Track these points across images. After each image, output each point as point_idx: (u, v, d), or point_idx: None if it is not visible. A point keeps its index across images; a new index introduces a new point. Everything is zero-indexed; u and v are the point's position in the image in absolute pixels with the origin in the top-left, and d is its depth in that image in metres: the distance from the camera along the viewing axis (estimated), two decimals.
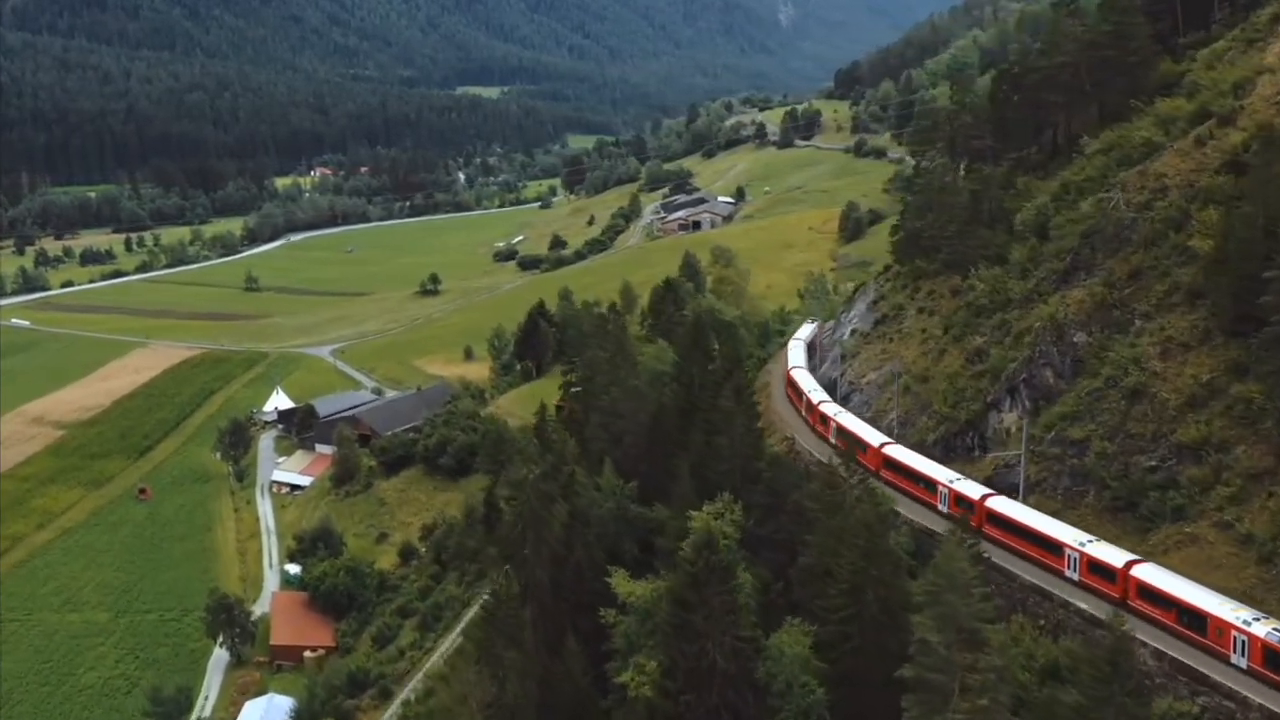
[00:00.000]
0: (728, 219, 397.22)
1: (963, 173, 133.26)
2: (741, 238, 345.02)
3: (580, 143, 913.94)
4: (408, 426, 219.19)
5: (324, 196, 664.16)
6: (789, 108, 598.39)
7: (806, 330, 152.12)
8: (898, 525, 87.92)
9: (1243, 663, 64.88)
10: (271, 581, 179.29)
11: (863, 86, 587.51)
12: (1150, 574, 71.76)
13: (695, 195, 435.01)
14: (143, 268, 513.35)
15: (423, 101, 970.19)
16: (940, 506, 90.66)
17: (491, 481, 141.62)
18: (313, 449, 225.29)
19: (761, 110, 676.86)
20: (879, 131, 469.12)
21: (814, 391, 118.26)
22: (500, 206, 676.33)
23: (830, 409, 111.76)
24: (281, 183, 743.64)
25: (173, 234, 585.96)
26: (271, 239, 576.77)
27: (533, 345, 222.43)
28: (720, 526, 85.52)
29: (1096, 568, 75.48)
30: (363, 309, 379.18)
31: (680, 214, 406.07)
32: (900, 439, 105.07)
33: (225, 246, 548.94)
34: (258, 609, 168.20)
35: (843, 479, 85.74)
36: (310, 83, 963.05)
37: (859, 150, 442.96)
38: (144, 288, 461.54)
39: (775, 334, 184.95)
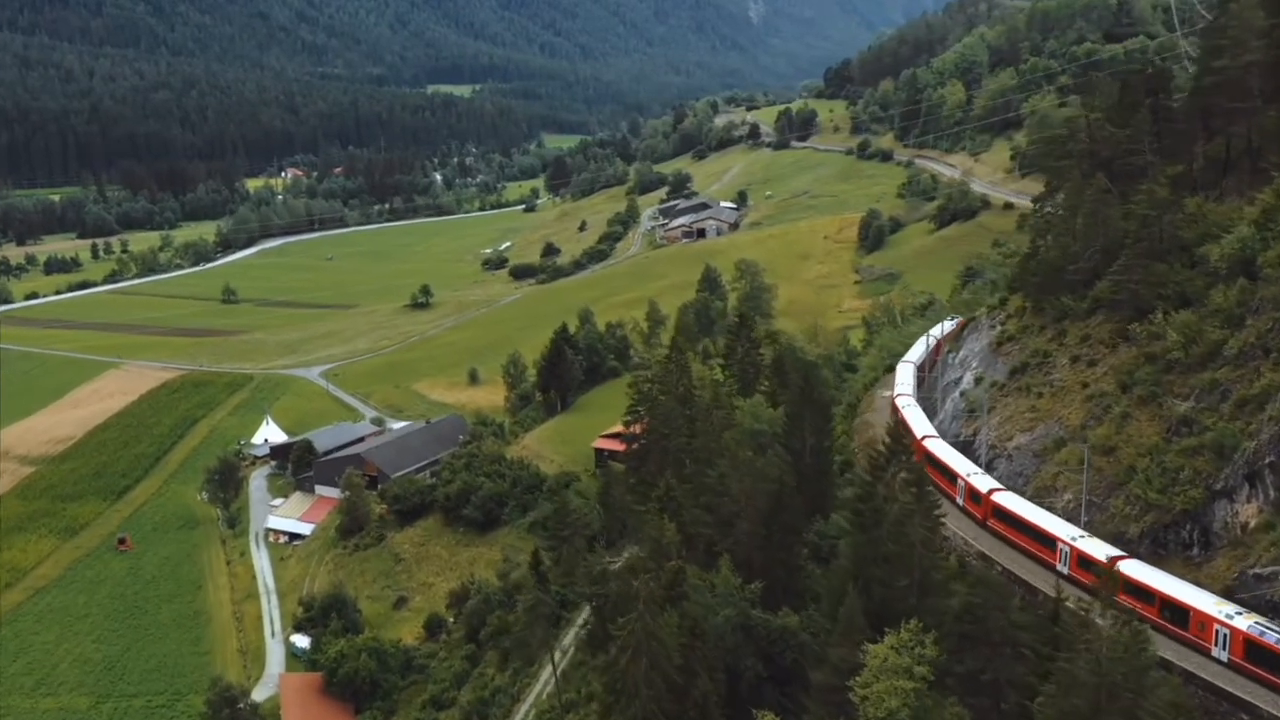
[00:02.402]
0: (734, 226, 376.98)
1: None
2: (754, 247, 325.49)
3: (556, 142, 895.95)
4: (419, 466, 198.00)
5: (298, 199, 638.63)
6: (783, 107, 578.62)
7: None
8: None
9: (1224, 656, 67.06)
10: (275, 655, 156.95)
11: (855, 85, 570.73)
12: (1134, 569, 75.09)
13: (696, 200, 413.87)
14: (112, 277, 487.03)
15: (395, 100, 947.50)
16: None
17: (553, 557, 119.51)
18: (312, 491, 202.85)
19: (749, 109, 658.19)
20: (880, 132, 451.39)
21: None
22: (481, 209, 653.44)
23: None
24: (253, 184, 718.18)
25: (142, 240, 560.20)
26: (246, 245, 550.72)
27: (557, 375, 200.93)
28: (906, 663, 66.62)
29: (1085, 562, 78.90)
30: (351, 324, 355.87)
31: (683, 220, 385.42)
32: (1090, 529, 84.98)
33: (198, 254, 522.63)
34: (261, 692, 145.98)
35: (1077, 615, 66.24)
36: (279, 81, 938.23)
37: (862, 152, 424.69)
38: (114, 300, 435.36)
39: (842, 367, 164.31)
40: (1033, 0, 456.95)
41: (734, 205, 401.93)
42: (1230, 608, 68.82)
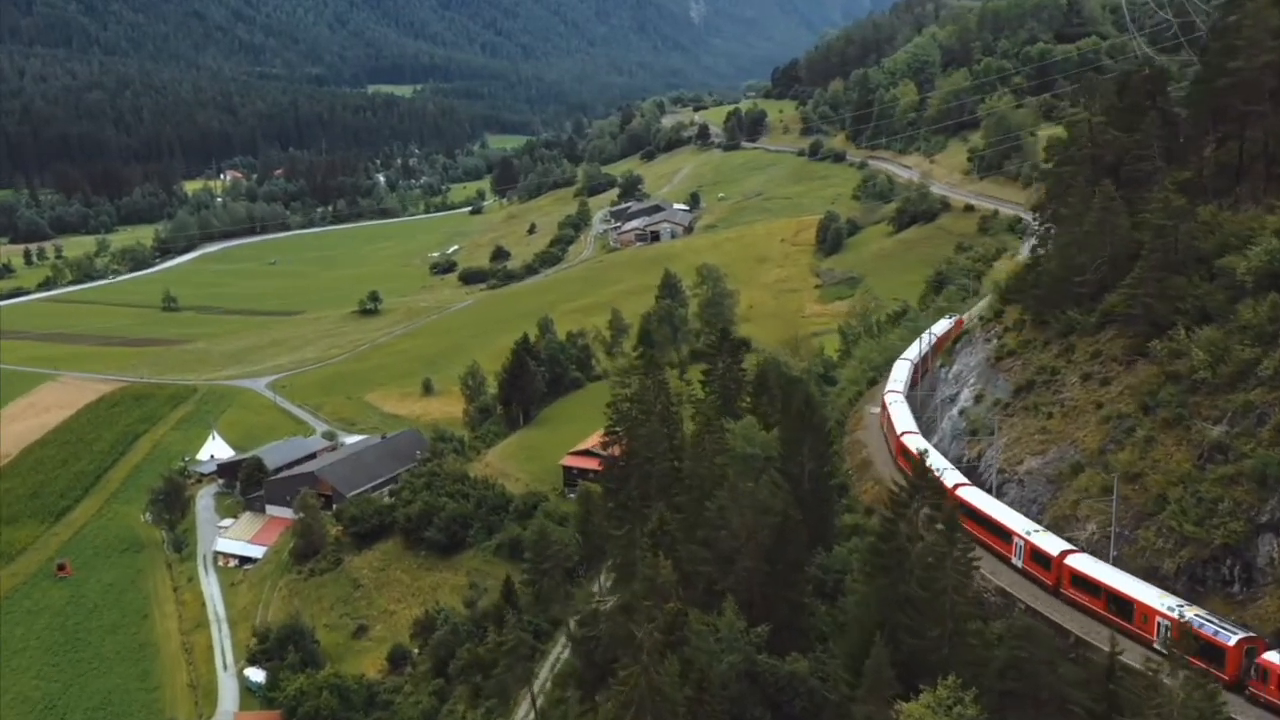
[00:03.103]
0: (688, 229, 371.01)
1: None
2: (710, 251, 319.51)
3: (500, 143, 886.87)
4: (376, 483, 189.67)
5: (238, 202, 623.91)
6: (731, 108, 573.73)
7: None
8: None
9: (1160, 645, 68.07)
10: (229, 690, 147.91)
11: (803, 85, 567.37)
12: (1082, 563, 77.17)
13: (649, 203, 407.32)
14: (46, 284, 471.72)
15: (335, 100, 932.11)
16: None
17: (532, 591, 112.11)
18: (262, 511, 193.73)
19: (696, 110, 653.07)
20: (831, 133, 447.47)
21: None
22: (427, 212, 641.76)
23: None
24: (191, 187, 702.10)
25: (77, 245, 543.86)
26: (186, 250, 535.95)
27: (520, 387, 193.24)
28: None
29: (1038, 556, 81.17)
30: (298, 331, 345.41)
31: (636, 223, 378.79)
32: (1120, 563, 79.34)
33: (136, 260, 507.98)
34: None
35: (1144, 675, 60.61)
36: (216, 81, 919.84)
37: (814, 153, 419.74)
38: (49, 308, 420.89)
39: (818, 379, 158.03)
40: (982, 0, 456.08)
41: (686, 208, 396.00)
42: (1173, 600, 71.00)
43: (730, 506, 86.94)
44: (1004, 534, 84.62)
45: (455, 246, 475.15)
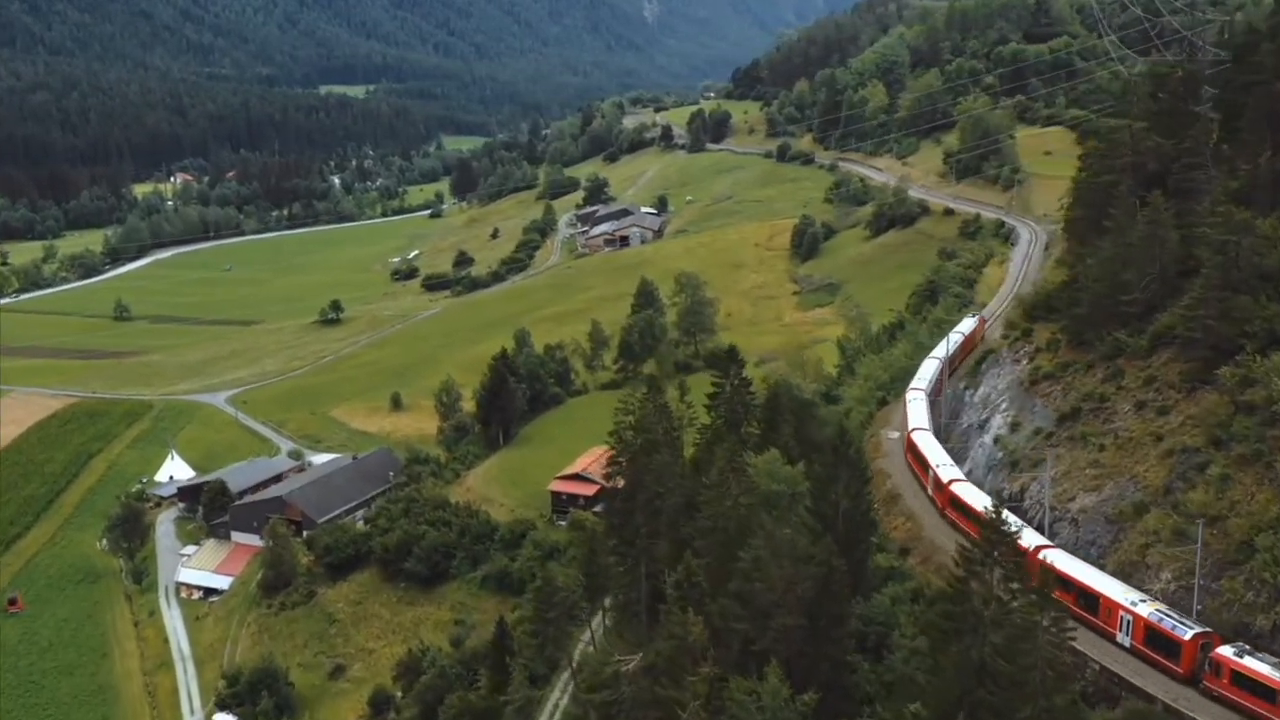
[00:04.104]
0: (658, 233, 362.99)
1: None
2: (683, 256, 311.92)
3: (456, 144, 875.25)
4: (348, 507, 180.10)
5: (190, 206, 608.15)
6: (694, 108, 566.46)
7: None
8: None
9: (1127, 641, 70.44)
10: None
11: (765, 86, 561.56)
12: (1056, 559, 77.27)
13: (617, 207, 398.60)
14: None
15: (287, 101, 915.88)
16: None
17: (535, 642, 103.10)
18: (227, 537, 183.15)
19: (657, 110, 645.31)
20: (798, 134, 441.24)
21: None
22: (384, 215, 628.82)
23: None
24: (141, 190, 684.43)
25: (23, 251, 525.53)
26: (137, 256, 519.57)
27: (499, 406, 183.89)
28: None
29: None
30: (256, 342, 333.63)
31: (604, 228, 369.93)
32: (1203, 618, 71.73)
33: (86, 267, 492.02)
34: None
35: None
36: (165, 82, 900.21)
37: (782, 155, 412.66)
38: None
39: (820, 397, 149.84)
40: (948, 0, 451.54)
41: (654, 211, 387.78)
42: (1136, 595, 72.75)
43: (767, 556, 78.50)
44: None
45: (416, 251, 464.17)
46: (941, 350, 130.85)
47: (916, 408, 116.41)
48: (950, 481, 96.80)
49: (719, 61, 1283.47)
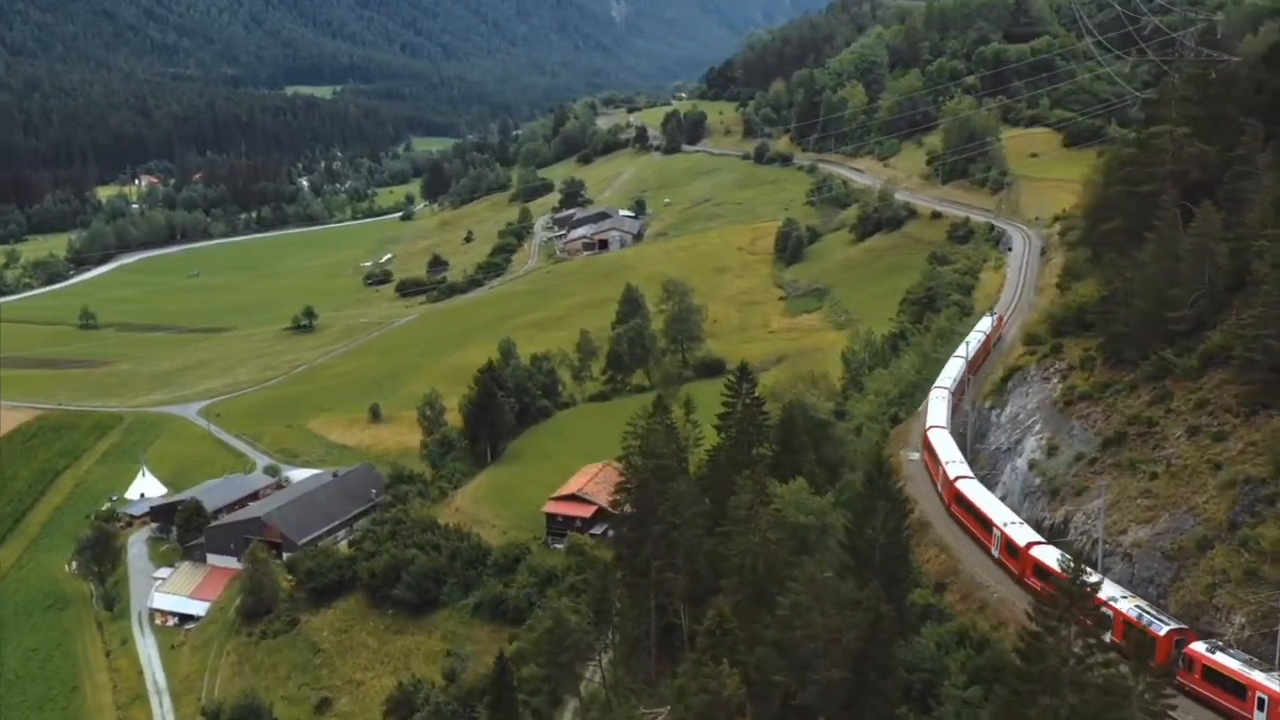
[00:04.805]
0: (637, 237, 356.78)
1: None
2: (664, 261, 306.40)
3: (426, 145, 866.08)
4: (330, 528, 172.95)
5: (156, 210, 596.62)
6: (669, 109, 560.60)
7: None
8: None
9: (1107, 637, 67.08)
10: None
11: (739, 86, 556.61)
12: (1043, 553, 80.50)
13: (595, 209, 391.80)
14: None
15: (254, 102, 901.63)
16: None
17: (548, 687, 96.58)
18: (203, 560, 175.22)
19: (630, 111, 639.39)
20: (775, 135, 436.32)
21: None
22: (354, 218, 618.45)
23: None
24: (105, 193, 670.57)
25: None
26: (103, 261, 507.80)
27: (488, 421, 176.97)
28: None
29: (1010, 547, 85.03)
30: (228, 350, 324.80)
31: (582, 231, 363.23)
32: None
33: (50, 272, 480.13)
34: None
35: None
36: (129, 83, 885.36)
37: (760, 157, 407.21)
38: None
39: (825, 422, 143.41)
40: (926, 0, 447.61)
41: (633, 214, 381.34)
42: (1118, 590, 74.41)
43: (808, 601, 72.36)
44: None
45: (388, 255, 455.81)
46: (964, 350, 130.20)
47: (937, 406, 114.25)
48: (957, 478, 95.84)
49: (687, 62, 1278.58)
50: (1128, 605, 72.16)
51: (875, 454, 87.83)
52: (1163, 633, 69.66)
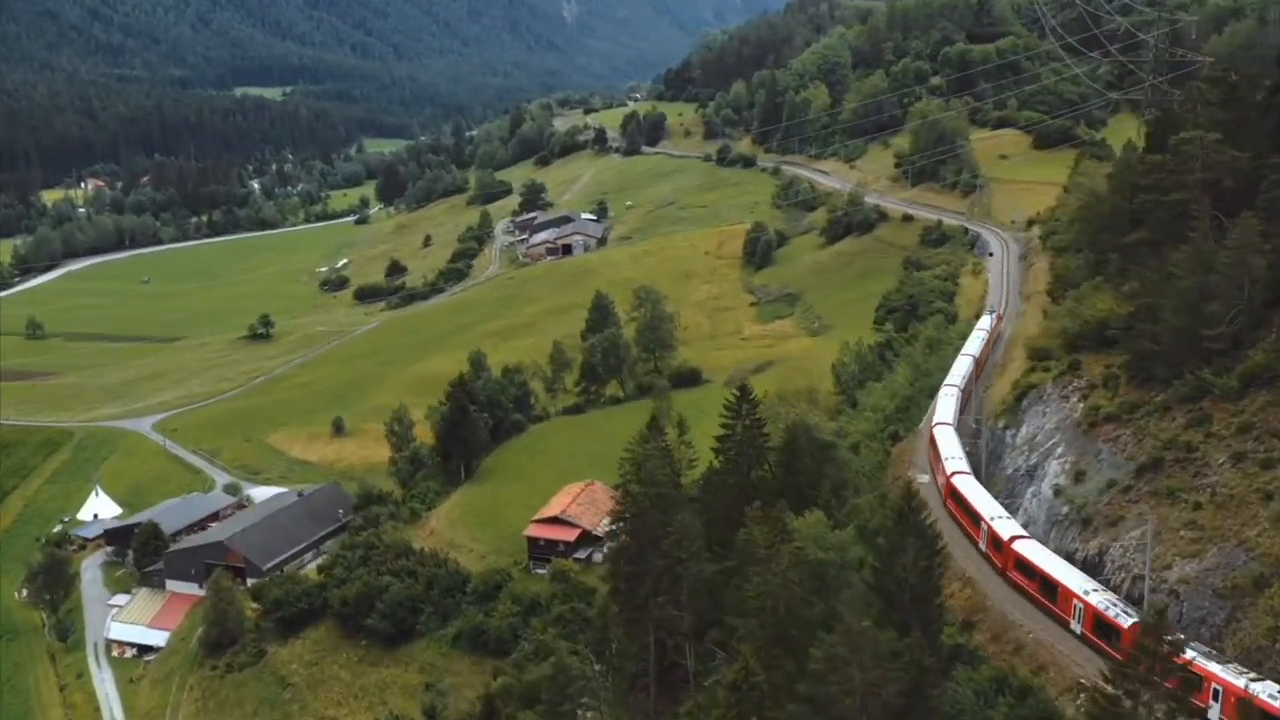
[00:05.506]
0: (601, 241, 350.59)
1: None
2: (630, 265, 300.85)
3: (378, 146, 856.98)
4: (296, 550, 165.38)
5: (104, 215, 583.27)
6: (627, 110, 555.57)
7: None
8: None
9: (1078, 629, 73.58)
10: None
11: (696, 87, 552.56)
12: (1026, 548, 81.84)
13: (557, 213, 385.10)
14: None
15: (202, 104, 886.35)
16: None
17: None
18: (162, 586, 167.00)
19: (587, 112, 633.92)
20: (736, 136, 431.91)
21: None
22: (307, 221, 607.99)
23: None
24: (51, 197, 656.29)
25: None
26: (49, 268, 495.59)
27: (461, 439, 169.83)
28: None
29: (995, 541, 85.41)
30: (181, 361, 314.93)
31: (545, 235, 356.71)
32: None
33: None
34: None
35: None
36: (73, 84, 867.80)
37: (722, 159, 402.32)
38: None
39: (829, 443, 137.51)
40: (889, 0, 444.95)
41: (595, 217, 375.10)
42: (1091, 585, 75.06)
43: (845, 654, 66.29)
44: None
45: (344, 260, 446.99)
46: (972, 348, 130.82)
47: (945, 403, 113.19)
48: (953, 474, 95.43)
49: (640, 62, 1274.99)
50: (1098, 598, 73.29)
51: (906, 489, 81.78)
52: (1126, 625, 69.57)
